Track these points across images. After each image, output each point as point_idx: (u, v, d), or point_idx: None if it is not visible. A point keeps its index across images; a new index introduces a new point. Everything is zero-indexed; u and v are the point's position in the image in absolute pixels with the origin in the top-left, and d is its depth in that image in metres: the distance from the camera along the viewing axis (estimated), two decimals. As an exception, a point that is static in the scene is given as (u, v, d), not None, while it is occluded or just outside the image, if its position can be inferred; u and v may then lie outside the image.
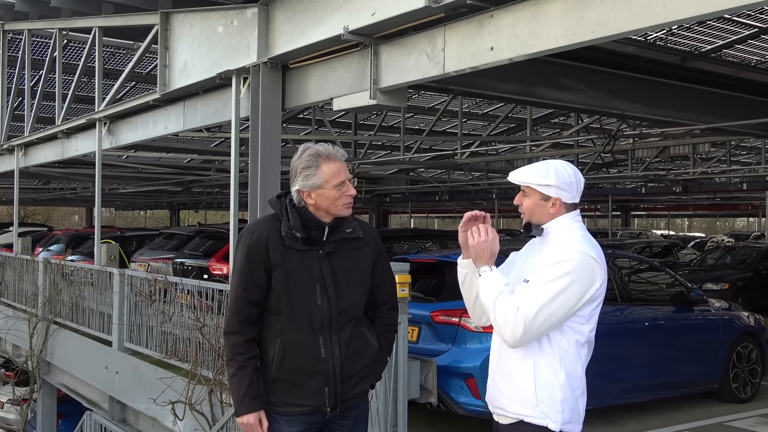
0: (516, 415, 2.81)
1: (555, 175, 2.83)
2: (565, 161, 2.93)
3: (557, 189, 2.83)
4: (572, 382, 2.77)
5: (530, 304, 2.67)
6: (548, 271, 2.71)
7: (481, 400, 5.70)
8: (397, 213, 42.80)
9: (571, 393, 2.77)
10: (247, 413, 2.97)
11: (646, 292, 7.50)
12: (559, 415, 2.74)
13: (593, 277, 2.73)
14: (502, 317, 2.70)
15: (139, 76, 12.94)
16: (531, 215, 2.89)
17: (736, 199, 29.76)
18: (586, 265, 2.72)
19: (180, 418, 6.43)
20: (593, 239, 2.85)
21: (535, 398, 2.75)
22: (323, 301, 2.98)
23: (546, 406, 2.74)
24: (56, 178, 23.92)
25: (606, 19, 4.23)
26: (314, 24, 5.90)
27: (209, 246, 11.76)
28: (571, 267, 2.70)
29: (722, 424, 6.91)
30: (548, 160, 2.93)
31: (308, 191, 2.99)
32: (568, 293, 2.69)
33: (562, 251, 2.73)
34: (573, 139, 16.30)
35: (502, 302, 2.71)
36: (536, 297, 2.68)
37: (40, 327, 10.31)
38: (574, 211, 2.89)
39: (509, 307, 2.69)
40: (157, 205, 39.51)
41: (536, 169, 2.86)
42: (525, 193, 2.89)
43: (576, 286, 2.70)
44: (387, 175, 24.89)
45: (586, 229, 2.88)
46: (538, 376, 2.75)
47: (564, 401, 2.75)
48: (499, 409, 2.88)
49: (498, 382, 2.89)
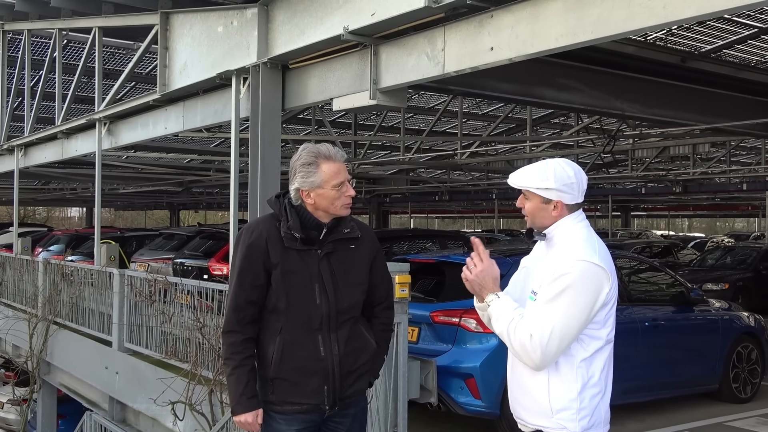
0: (534, 426, 2.76)
1: (554, 177, 2.72)
2: (565, 160, 2.82)
3: (557, 192, 2.72)
4: (591, 388, 2.69)
5: (542, 328, 2.59)
6: (551, 287, 2.62)
7: (481, 401, 5.70)
8: (397, 213, 42.81)
9: (590, 399, 2.68)
10: (244, 412, 2.98)
11: (646, 293, 7.50)
12: (577, 424, 2.67)
13: (600, 284, 2.62)
14: (518, 345, 2.65)
15: (139, 77, 12.95)
16: (533, 219, 2.80)
17: (736, 200, 29.76)
18: (590, 275, 2.61)
19: (180, 418, 6.43)
20: (597, 239, 2.75)
21: (550, 409, 2.69)
22: (322, 301, 2.99)
23: (563, 416, 2.67)
24: (56, 178, 23.92)
25: (606, 19, 4.22)
26: (314, 24, 5.90)
27: (209, 246, 11.76)
28: (572, 279, 2.59)
29: (722, 424, 6.91)
30: (548, 160, 2.82)
31: (307, 190, 3.00)
32: (578, 306, 2.60)
33: (563, 262, 2.63)
34: (573, 139, 16.29)
35: (514, 330, 2.65)
36: (546, 319, 2.60)
37: (40, 327, 10.31)
38: (578, 211, 2.79)
39: (523, 334, 2.62)
40: (157, 206, 39.51)
41: (535, 171, 2.75)
42: (526, 195, 2.80)
43: (583, 298, 2.60)
44: (387, 176, 24.89)
45: (591, 229, 2.79)
46: (553, 387, 2.68)
47: (581, 410, 2.67)
48: (519, 419, 2.85)
49: (515, 393, 2.85)
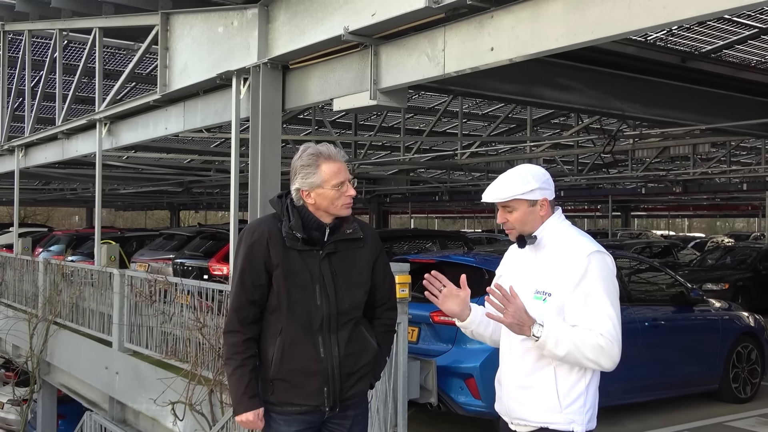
0: (539, 424, 2.78)
1: (533, 177, 2.81)
2: (527, 164, 2.96)
3: (541, 190, 2.81)
4: (594, 380, 2.77)
5: (604, 323, 2.66)
6: (585, 285, 2.68)
7: (481, 401, 5.70)
8: (398, 213, 42.77)
9: (594, 393, 2.78)
10: (245, 411, 2.98)
11: (646, 293, 7.50)
12: (585, 417, 2.74)
13: (614, 268, 2.76)
14: (593, 352, 2.65)
15: (139, 77, 12.95)
16: (523, 226, 2.85)
17: (736, 200, 29.75)
18: (607, 262, 2.73)
19: (180, 418, 6.44)
20: (586, 233, 2.87)
21: (559, 405, 2.73)
22: (323, 302, 2.98)
23: (572, 410, 2.73)
24: (56, 178, 23.91)
25: (606, 19, 4.23)
26: (314, 24, 5.91)
27: (209, 246, 11.75)
28: (597, 270, 2.69)
29: (722, 424, 6.91)
30: (513, 168, 2.90)
31: (308, 190, 3.00)
32: (613, 291, 2.71)
33: (576, 259, 2.71)
34: (573, 139, 16.29)
35: (582, 341, 2.64)
36: (600, 314, 2.66)
37: (40, 327, 10.31)
38: (558, 210, 2.89)
39: (592, 339, 2.65)
40: (157, 206, 39.50)
41: (514, 179, 2.83)
42: (508, 207, 2.84)
43: (612, 283, 2.72)
44: (387, 176, 24.88)
45: (574, 226, 2.90)
46: (560, 383, 2.73)
47: (587, 402, 2.75)
48: (518, 419, 2.84)
49: (514, 394, 2.85)
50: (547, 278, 2.77)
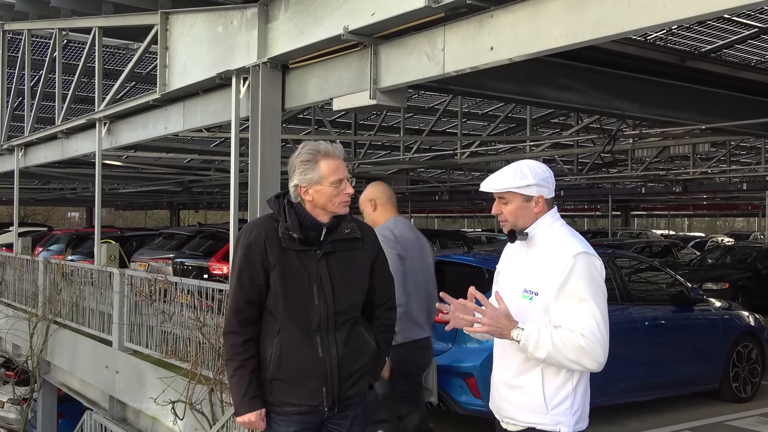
0: (526, 424, 2.78)
1: (531, 174, 2.80)
2: (532, 160, 2.92)
3: (537, 187, 2.80)
4: (583, 381, 2.75)
5: (587, 324, 2.62)
6: (571, 285, 2.66)
7: (481, 400, 5.70)
8: (397, 213, 42.70)
9: (582, 394, 2.76)
10: (247, 413, 2.98)
11: (646, 292, 7.50)
12: (572, 419, 2.73)
13: (602, 271, 2.72)
14: (574, 353, 2.62)
15: (139, 76, 12.94)
16: (516, 220, 2.84)
17: (735, 199, 29.76)
18: (594, 264, 2.70)
19: (180, 417, 6.44)
20: (578, 234, 2.85)
21: (545, 406, 2.72)
22: (320, 302, 2.97)
23: (559, 411, 2.72)
24: (56, 178, 23.90)
25: (606, 19, 4.22)
26: (314, 24, 5.90)
27: (209, 246, 11.77)
28: (583, 271, 2.67)
29: (722, 423, 6.91)
30: (516, 162, 2.89)
31: (305, 187, 2.99)
32: (599, 292, 2.68)
33: (563, 259, 2.69)
34: (573, 139, 16.29)
35: (561, 342, 2.62)
36: (585, 315, 2.64)
37: (40, 327, 10.32)
38: (554, 209, 2.87)
39: (572, 340, 2.62)
40: (157, 205, 39.51)
41: (511, 172, 2.81)
42: (504, 199, 2.84)
43: (599, 284, 2.69)
44: (387, 175, 24.86)
45: (568, 226, 2.87)
46: (547, 384, 2.72)
47: (575, 404, 2.73)
48: (507, 418, 2.85)
49: (503, 392, 2.85)
50: (534, 277, 2.77)
